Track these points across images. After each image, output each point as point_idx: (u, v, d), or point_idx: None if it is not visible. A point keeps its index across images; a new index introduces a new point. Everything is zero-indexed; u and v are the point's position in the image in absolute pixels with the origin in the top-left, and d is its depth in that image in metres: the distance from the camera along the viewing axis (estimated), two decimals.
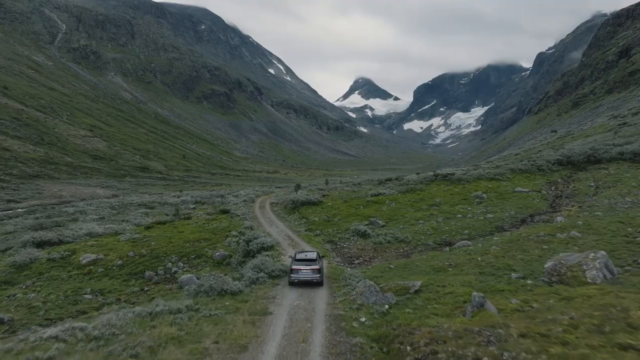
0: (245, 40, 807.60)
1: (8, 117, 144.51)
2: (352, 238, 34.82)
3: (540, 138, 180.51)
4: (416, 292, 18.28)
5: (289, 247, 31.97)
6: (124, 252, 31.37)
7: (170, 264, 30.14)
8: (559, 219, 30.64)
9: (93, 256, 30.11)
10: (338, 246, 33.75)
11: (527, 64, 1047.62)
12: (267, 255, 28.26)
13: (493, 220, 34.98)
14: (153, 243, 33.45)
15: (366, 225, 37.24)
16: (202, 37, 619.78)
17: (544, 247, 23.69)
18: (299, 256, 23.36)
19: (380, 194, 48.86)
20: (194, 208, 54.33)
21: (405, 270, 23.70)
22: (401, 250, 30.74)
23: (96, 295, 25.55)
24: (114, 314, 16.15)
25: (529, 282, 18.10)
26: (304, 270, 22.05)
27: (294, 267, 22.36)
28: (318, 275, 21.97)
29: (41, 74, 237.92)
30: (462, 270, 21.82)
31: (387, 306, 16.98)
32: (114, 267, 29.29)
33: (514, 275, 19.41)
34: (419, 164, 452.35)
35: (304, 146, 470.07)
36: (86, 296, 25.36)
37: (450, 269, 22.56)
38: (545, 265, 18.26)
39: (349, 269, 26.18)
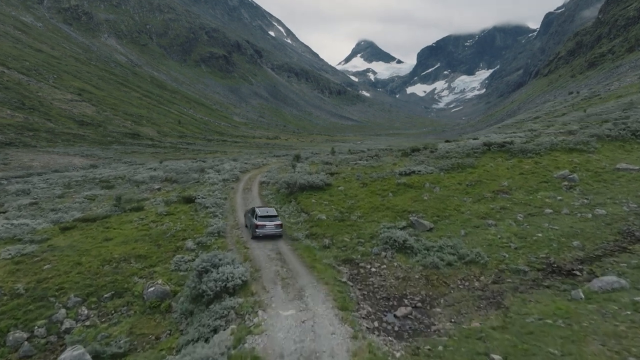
0: (244, 1, 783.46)
1: None
2: (383, 254, 20.90)
3: (560, 99, 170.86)
4: None
5: (278, 283, 18.21)
6: None
7: (63, 311, 16.54)
8: None
9: None
10: (361, 272, 19.64)
11: (534, 24, 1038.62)
12: (232, 308, 15.20)
13: (609, 220, 21.49)
14: (47, 266, 19.59)
15: (404, 228, 23.49)
16: None
17: None
18: (261, 213, 25.35)
19: (413, 172, 34.72)
20: (159, 189, 40.80)
21: None
22: (477, 284, 17.22)
23: None
24: None
25: None
26: (269, 226, 24.78)
27: (258, 222, 24.75)
28: (280, 230, 25.06)
29: (29, 35, 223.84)
30: None
31: None
32: None
33: None
34: (422, 128, 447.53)
35: (305, 111, 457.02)
36: None
37: None
38: None
39: None
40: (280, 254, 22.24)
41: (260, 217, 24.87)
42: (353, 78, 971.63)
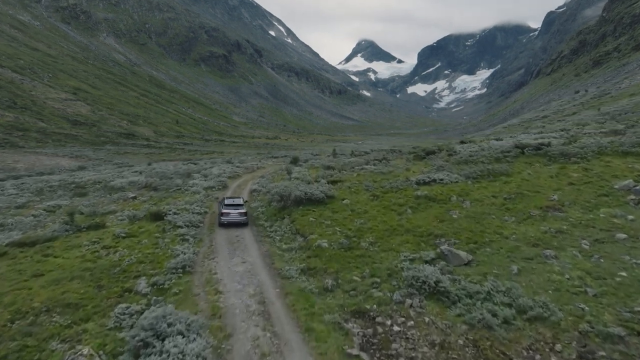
0: (245, 1, 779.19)
1: None
2: (409, 302, 14.60)
3: (566, 98, 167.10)
4: None
5: None
6: None
7: None
8: None
9: None
10: (379, 332, 13.17)
11: (535, 24, 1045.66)
12: None
13: None
14: None
15: (432, 260, 17.60)
16: None
17: None
18: (227, 202, 27.32)
19: (433, 180, 28.86)
20: (134, 197, 35.22)
21: None
22: None
23: None
24: None
25: None
26: (233, 214, 26.26)
27: (224, 210, 26.32)
28: (244, 218, 26.64)
29: (25, 33, 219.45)
30: None
31: None
32: None
33: None
34: (424, 128, 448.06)
35: (306, 110, 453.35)
36: None
37: None
38: None
39: None
40: (264, 303, 15.83)
41: (227, 205, 26.83)
42: (353, 78, 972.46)
